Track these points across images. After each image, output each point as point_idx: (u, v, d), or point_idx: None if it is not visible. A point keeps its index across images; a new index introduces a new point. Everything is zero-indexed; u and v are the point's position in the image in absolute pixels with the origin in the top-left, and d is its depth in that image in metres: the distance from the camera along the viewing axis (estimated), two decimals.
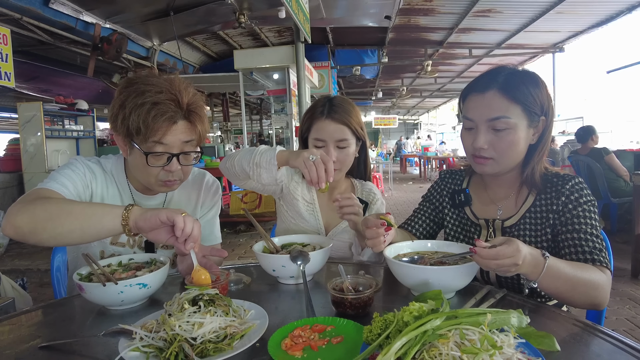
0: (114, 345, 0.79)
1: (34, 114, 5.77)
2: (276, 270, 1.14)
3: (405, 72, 12.05)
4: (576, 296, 0.99)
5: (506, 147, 1.13)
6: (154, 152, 1.19)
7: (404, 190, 11.09)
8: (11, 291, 1.66)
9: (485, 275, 1.24)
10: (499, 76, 1.14)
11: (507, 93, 1.11)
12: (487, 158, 1.16)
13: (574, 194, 1.14)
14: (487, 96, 1.13)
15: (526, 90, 1.12)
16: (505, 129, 1.12)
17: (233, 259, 4.75)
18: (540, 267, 0.93)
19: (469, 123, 1.18)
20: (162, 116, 1.15)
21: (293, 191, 1.57)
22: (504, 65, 1.23)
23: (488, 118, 1.13)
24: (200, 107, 1.25)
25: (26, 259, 4.67)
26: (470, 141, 1.18)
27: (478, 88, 1.16)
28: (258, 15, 5.97)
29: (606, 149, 5.01)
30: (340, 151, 1.48)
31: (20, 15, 4.76)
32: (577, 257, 1.08)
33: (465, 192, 1.32)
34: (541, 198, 1.20)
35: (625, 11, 6.56)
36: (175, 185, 1.31)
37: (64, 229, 1.00)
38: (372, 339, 0.69)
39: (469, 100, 1.18)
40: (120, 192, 1.38)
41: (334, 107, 1.48)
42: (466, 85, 1.23)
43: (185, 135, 1.22)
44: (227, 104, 11.19)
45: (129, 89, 1.18)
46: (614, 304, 3.11)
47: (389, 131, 30.22)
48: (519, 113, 1.12)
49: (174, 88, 1.18)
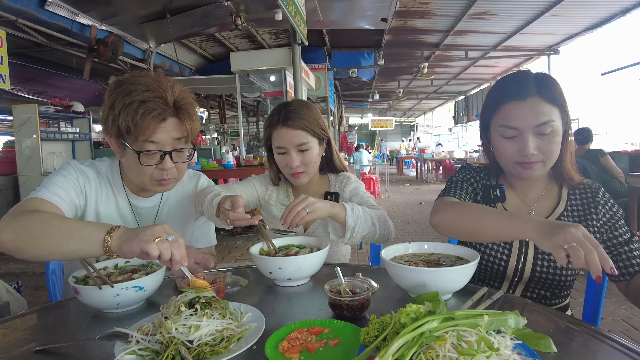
0: (110, 348, 0.78)
1: (29, 116, 5.73)
2: (273, 272, 1.13)
3: (402, 74, 12.09)
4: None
5: (553, 148, 1.14)
6: (145, 150, 1.20)
7: (401, 192, 11.11)
8: (6, 295, 1.64)
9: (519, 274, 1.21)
10: (529, 82, 1.14)
11: (547, 97, 1.12)
12: (534, 163, 1.15)
13: (607, 204, 1.20)
14: (529, 103, 1.12)
15: (558, 92, 1.14)
16: (551, 132, 1.12)
17: (230, 261, 4.73)
18: None
19: (512, 132, 1.15)
20: (150, 114, 1.15)
21: (268, 199, 1.64)
22: (524, 70, 1.23)
23: (535, 124, 1.12)
24: (189, 104, 1.26)
25: (21, 262, 4.64)
26: (514, 149, 1.16)
27: (515, 96, 1.14)
28: (254, 18, 5.98)
29: (602, 151, 5.04)
30: (303, 154, 1.49)
31: (16, 17, 4.74)
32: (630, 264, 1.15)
33: (501, 188, 1.29)
34: (576, 199, 1.23)
35: (619, 14, 6.62)
36: (170, 184, 1.31)
37: (44, 252, 0.99)
38: (369, 341, 0.69)
39: (507, 109, 1.16)
40: (116, 194, 1.38)
41: (289, 114, 1.48)
42: (494, 93, 1.21)
43: (175, 133, 1.23)
44: (224, 106, 11.17)
45: (117, 90, 1.19)
46: (610, 305, 3.12)
47: (385, 133, 30.28)
48: (558, 115, 1.13)
49: (161, 86, 1.19)
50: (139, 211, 1.42)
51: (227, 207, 1.16)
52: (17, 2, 4.41)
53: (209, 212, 1.29)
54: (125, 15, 5.59)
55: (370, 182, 9.24)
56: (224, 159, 5.62)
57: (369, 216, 1.31)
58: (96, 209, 1.34)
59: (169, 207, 1.48)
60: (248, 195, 1.59)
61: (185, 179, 1.55)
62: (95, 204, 1.34)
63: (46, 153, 5.96)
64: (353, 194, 1.55)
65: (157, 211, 1.46)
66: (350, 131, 19.36)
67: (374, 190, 9.42)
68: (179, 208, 1.50)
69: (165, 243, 0.91)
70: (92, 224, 1.04)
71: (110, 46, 5.52)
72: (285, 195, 1.65)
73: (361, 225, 1.28)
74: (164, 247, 0.90)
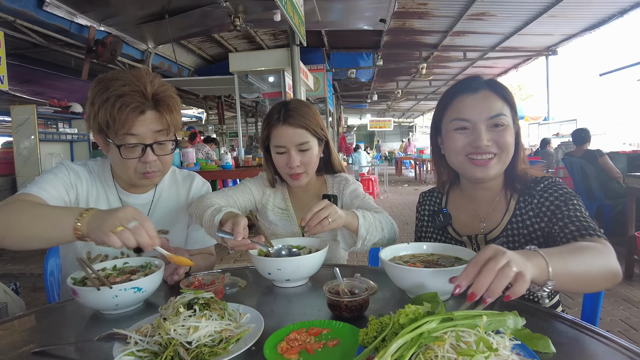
0: (109, 350, 0.78)
1: (28, 117, 5.72)
2: (272, 273, 1.13)
3: (400, 75, 12.11)
4: (593, 272, 0.87)
5: (508, 141, 1.14)
6: (126, 143, 1.22)
7: (400, 193, 11.11)
8: (4, 296, 1.64)
9: None
10: (480, 80, 1.18)
11: (498, 93, 1.15)
12: (490, 159, 1.15)
13: (545, 192, 1.14)
14: (482, 95, 1.15)
15: (508, 93, 1.17)
16: (504, 126, 1.13)
17: (228, 262, 4.73)
18: (540, 259, 0.80)
19: (464, 123, 1.16)
20: (127, 107, 1.17)
21: (265, 203, 1.62)
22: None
23: (488, 116, 1.13)
24: (169, 97, 1.27)
25: (19, 263, 4.62)
26: (466, 141, 1.16)
27: (467, 89, 1.17)
28: (253, 18, 5.98)
29: (600, 151, 5.05)
30: (302, 154, 1.48)
31: (14, 17, 4.73)
32: (566, 240, 1.02)
33: (443, 212, 1.32)
34: (520, 202, 1.20)
35: (617, 15, 6.64)
36: (156, 177, 1.33)
37: (21, 238, 1.04)
38: (368, 341, 0.69)
39: (460, 102, 1.17)
40: (107, 192, 1.40)
41: (289, 112, 1.46)
42: (446, 94, 1.23)
43: (155, 125, 1.24)
44: (223, 106, 11.17)
45: (97, 87, 1.22)
46: (608, 305, 3.13)
47: (384, 134, 30.31)
48: (509, 113, 1.16)
49: (140, 80, 1.21)
50: None
51: (227, 230, 1.12)
52: (15, 2, 4.40)
53: (209, 229, 1.26)
54: (123, 16, 5.59)
55: (369, 183, 9.24)
56: (223, 160, 5.61)
57: (378, 222, 1.29)
58: (87, 206, 1.34)
59: (163, 205, 1.48)
60: (245, 201, 1.56)
61: (180, 178, 1.55)
62: (86, 202, 1.36)
63: (44, 154, 5.95)
64: (353, 196, 1.53)
65: (149, 208, 1.46)
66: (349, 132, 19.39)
67: (373, 191, 9.42)
68: (172, 207, 1.50)
69: (125, 232, 0.93)
70: (64, 209, 1.08)
71: (108, 47, 5.51)
72: (282, 198, 1.63)
73: (372, 233, 1.26)
74: (124, 237, 0.93)
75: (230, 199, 1.49)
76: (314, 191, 1.62)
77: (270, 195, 1.63)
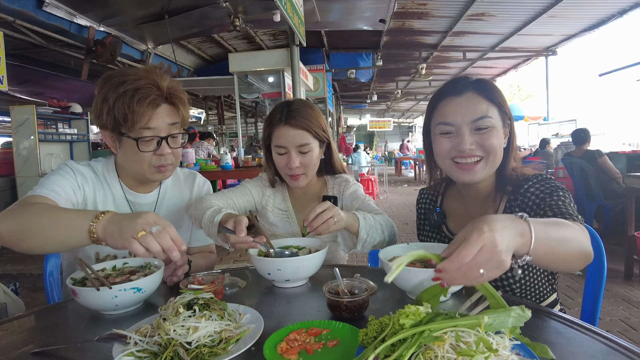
0: (108, 350, 0.78)
1: (27, 117, 5.72)
2: (271, 273, 1.13)
3: (400, 75, 12.11)
4: (571, 248, 0.86)
5: (494, 144, 1.12)
6: (143, 137, 1.23)
7: (399, 193, 11.11)
8: (3, 296, 1.64)
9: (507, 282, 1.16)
10: (467, 81, 1.16)
11: (483, 94, 1.13)
12: (476, 163, 1.14)
13: (532, 188, 1.13)
14: (465, 98, 1.13)
15: (496, 92, 1.14)
16: (489, 127, 1.12)
17: (228, 262, 4.73)
18: (526, 229, 0.77)
19: (447, 127, 1.15)
20: (146, 99, 1.19)
21: (265, 204, 1.62)
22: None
23: (471, 119, 1.12)
24: (180, 91, 1.31)
25: (19, 264, 4.62)
26: (450, 145, 1.15)
27: (452, 92, 1.15)
28: (253, 19, 5.98)
29: (599, 151, 5.05)
30: (303, 156, 1.47)
31: (14, 18, 4.74)
32: None
33: (437, 211, 1.31)
34: (510, 202, 1.19)
35: (616, 15, 6.65)
36: (169, 170, 1.34)
37: (38, 242, 1.01)
38: (368, 342, 0.69)
39: (444, 106, 1.16)
40: (113, 192, 1.40)
41: (291, 113, 1.45)
42: (433, 96, 1.23)
43: (170, 118, 1.27)
44: (222, 107, 11.16)
45: (109, 83, 1.22)
46: (607, 305, 3.13)
47: (384, 134, 30.31)
48: (496, 113, 1.14)
49: (151, 74, 1.24)
50: (136, 207, 1.43)
51: (229, 227, 1.12)
52: (14, 3, 4.40)
53: (209, 229, 1.25)
54: (123, 17, 5.59)
55: (369, 183, 9.24)
56: (223, 160, 5.61)
57: (378, 224, 1.29)
58: (94, 208, 1.35)
59: (167, 204, 1.49)
60: (244, 203, 1.56)
61: (182, 177, 1.57)
62: (93, 203, 1.36)
63: (44, 154, 5.95)
64: (353, 197, 1.52)
65: (155, 207, 1.46)
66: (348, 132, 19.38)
67: (373, 192, 9.42)
68: (177, 206, 1.51)
69: (148, 237, 0.90)
70: (79, 212, 1.06)
71: (108, 47, 5.51)
72: (282, 199, 1.63)
73: (373, 235, 1.26)
74: (147, 242, 0.90)
75: (230, 200, 1.49)
76: (314, 192, 1.62)
77: (270, 196, 1.63)
